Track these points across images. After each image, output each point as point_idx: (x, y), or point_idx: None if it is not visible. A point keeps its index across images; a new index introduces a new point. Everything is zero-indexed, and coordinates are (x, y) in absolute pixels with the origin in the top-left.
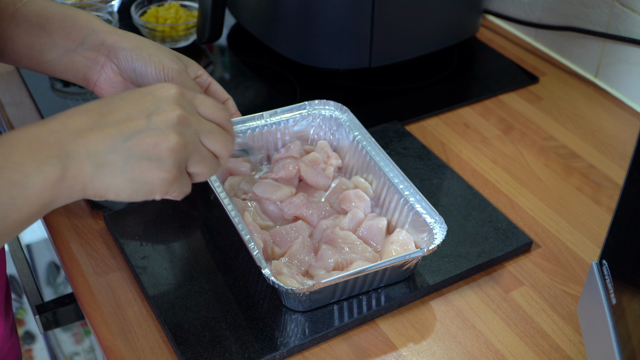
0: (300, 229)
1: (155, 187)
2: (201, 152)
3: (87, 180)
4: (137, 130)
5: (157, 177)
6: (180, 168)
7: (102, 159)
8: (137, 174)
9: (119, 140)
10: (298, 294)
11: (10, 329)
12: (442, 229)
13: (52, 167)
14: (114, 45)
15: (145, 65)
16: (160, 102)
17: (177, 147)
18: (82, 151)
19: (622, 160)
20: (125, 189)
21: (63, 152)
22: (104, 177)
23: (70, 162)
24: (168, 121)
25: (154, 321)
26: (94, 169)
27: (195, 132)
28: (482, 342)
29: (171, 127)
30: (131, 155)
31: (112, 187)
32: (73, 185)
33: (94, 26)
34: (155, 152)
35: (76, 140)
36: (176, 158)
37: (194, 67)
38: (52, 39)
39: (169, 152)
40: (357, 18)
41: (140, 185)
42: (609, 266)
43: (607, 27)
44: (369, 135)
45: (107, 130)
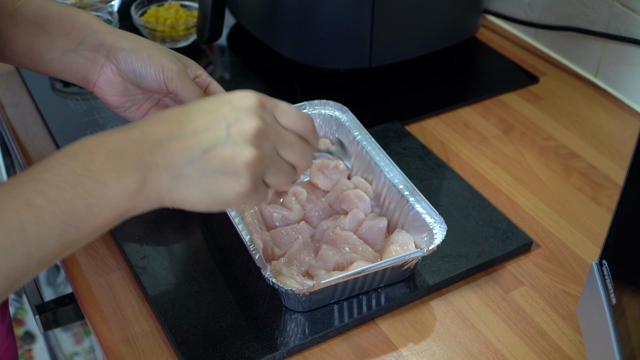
0: (300, 229)
1: (231, 199)
2: (278, 164)
3: (164, 191)
4: (214, 142)
5: (233, 190)
6: (257, 181)
7: (178, 171)
8: (213, 187)
9: (196, 152)
10: (298, 294)
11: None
12: (442, 229)
13: (131, 177)
14: (113, 46)
15: (145, 66)
16: (239, 113)
17: (254, 161)
18: (160, 162)
19: (622, 160)
20: (201, 201)
21: (142, 163)
22: (180, 189)
23: (149, 174)
24: (245, 134)
25: (154, 321)
26: (170, 180)
27: (274, 144)
28: (482, 342)
29: (248, 140)
30: (207, 169)
31: (188, 198)
32: (150, 195)
33: (93, 26)
34: (232, 166)
35: (155, 151)
36: (253, 172)
37: (193, 67)
38: (51, 38)
39: (246, 167)
40: (357, 18)
41: (216, 197)
42: (609, 266)
43: (607, 27)
44: (369, 135)
45: (185, 142)
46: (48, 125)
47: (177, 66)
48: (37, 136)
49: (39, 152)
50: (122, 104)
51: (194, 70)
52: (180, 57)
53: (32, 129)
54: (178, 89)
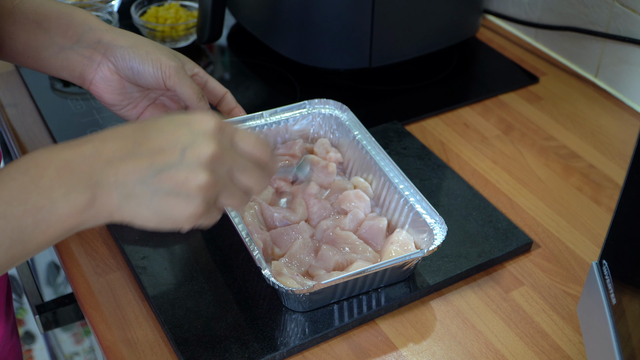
0: (300, 229)
1: (181, 220)
2: (231, 188)
3: (114, 209)
4: (168, 164)
5: (183, 213)
6: (209, 204)
7: (129, 190)
8: (163, 208)
9: (149, 173)
10: (298, 294)
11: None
12: (442, 230)
13: (81, 195)
14: (110, 44)
15: (143, 63)
16: (196, 137)
17: (207, 185)
18: (112, 181)
19: (622, 160)
20: (150, 220)
21: (93, 181)
22: (129, 208)
23: (99, 191)
24: (201, 158)
25: (154, 321)
26: (121, 199)
27: (228, 168)
28: (482, 342)
29: (203, 164)
30: (159, 190)
31: (138, 217)
32: (99, 212)
33: (90, 24)
34: (184, 188)
35: (107, 169)
36: (205, 196)
37: (190, 64)
38: (49, 36)
39: (198, 190)
40: (357, 18)
41: (166, 218)
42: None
43: (607, 27)
44: (369, 135)
45: (139, 162)
46: (48, 125)
47: (175, 63)
48: (37, 136)
49: None
50: (118, 102)
51: (191, 68)
52: (178, 55)
53: (32, 129)
54: (176, 85)
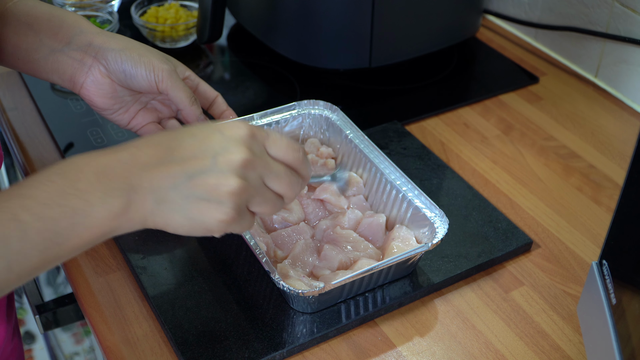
0: (300, 230)
1: (213, 226)
2: (264, 194)
3: (148, 214)
4: (200, 170)
5: (214, 218)
6: (240, 210)
7: (163, 196)
8: (195, 213)
9: (182, 178)
10: (307, 296)
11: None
12: (444, 223)
13: (117, 199)
14: (102, 46)
15: (135, 66)
16: (228, 143)
17: (238, 190)
18: (146, 186)
19: (622, 160)
20: (183, 226)
21: (128, 186)
22: (163, 213)
23: (134, 196)
24: (232, 163)
25: (154, 321)
26: (155, 204)
27: (260, 174)
28: (482, 342)
29: (234, 170)
30: (191, 195)
31: (171, 222)
32: (134, 217)
33: (81, 27)
34: (215, 194)
35: (142, 175)
36: (236, 201)
37: (181, 68)
38: (39, 38)
39: (229, 196)
40: (357, 18)
41: (198, 224)
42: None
43: (607, 27)
44: (361, 133)
45: (172, 168)
46: (48, 126)
47: (168, 65)
48: (37, 136)
49: (39, 152)
50: (110, 106)
51: (182, 71)
52: (169, 58)
53: (32, 129)
54: (169, 89)
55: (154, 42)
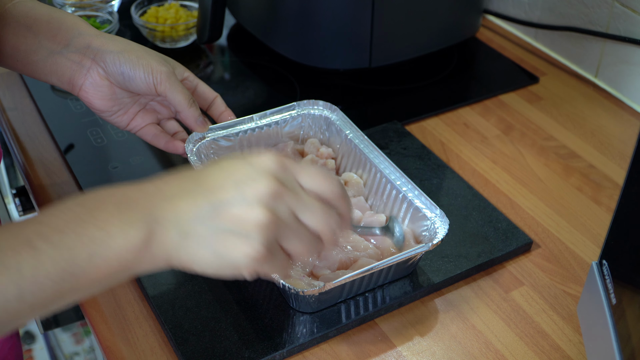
0: None
1: (241, 263)
2: (296, 230)
3: (172, 249)
4: (225, 201)
5: (243, 253)
6: (271, 246)
7: (187, 228)
8: (222, 247)
9: (207, 209)
10: (308, 296)
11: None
12: (444, 223)
13: (138, 230)
14: (100, 48)
15: (134, 68)
16: (256, 174)
17: (266, 223)
18: (170, 217)
19: (622, 160)
20: (210, 263)
21: (151, 217)
22: (188, 248)
23: (157, 227)
24: (258, 194)
25: (154, 321)
26: (180, 238)
27: (291, 207)
28: (482, 342)
29: (261, 200)
30: (217, 228)
31: (197, 259)
32: (157, 252)
33: (80, 29)
34: (242, 226)
35: (165, 205)
36: (265, 235)
37: (180, 69)
38: (38, 40)
39: (256, 228)
40: (357, 18)
41: (225, 260)
42: (609, 266)
43: (607, 27)
44: (361, 133)
45: (197, 198)
46: (48, 126)
47: (166, 68)
48: (37, 136)
49: (39, 152)
50: (108, 108)
51: (180, 72)
52: (168, 59)
53: (32, 129)
54: (167, 91)
55: (154, 42)
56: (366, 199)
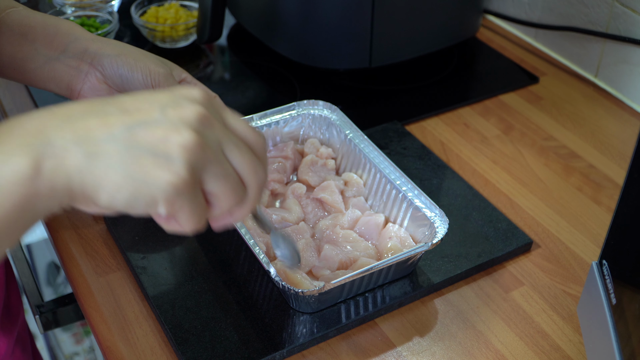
0: (300, 230)
1: (158, 191)
2: (222, 164)
3: (74, 172)
4: (144, 121)
5: (162, 178)
6: (194, 176)
7: (94, 147)
8: (137, 170)
9: (120, 128)
10: (308, 296)
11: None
12: (444, 222)
13: (22, 157)
14: (97, 52)
15: (132, 70)
16: (180, 99)
17: (193, 146)
18: (69, 137)
19: (622, 160)
20: (120, 189)
21: (41, 140)
22: (95, 170)
23: (50, 150)
24: (185, 117)
25: (154, 321)
26: (83, 158)
27: (218, 138)
28: (482, 342)
29: (188, 123)
30: (133, 147)
31: (105, 184)
32: (54, 179)
33: (76, 34)
34: (164, 147)
35: (63, 126)
36: (190, 159)
37: (177, 70)
38: (34, 47)
39: (181, 150)
40: (357, 18)
41: (140, 185)
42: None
43: (607, 27)
44: (361, 133)
45: (107, 119)
46: None
47: (164, 69)
48: None
49: None
50: None
51: (178, 73)
52: (165, 61)
53: None
54: None
55: (153, 42)
56: (366, 199)
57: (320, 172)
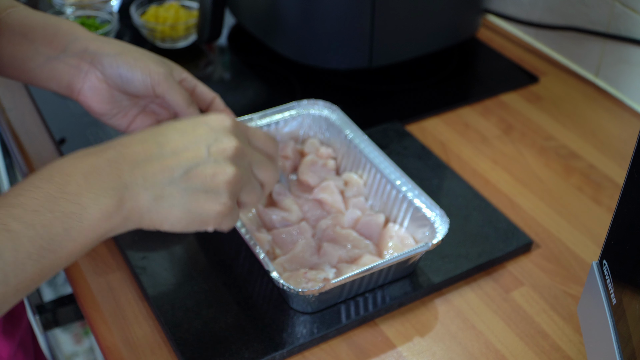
0: (301, 229)
1: (210, 218)
2: (252, 182)
3: (144, 211)
4: (195, 162)
5: (212, 209)
6: (234, 200)
7: (160, 191)
8: (194, 206)
9: (178, 171)
10: (308, 295)
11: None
12: (444, 222)
13: (109, 198)
14: (97, 52)
15: (132, 70)
16: (217, 134)
17: (234, 179)
18: (140, 182)
19: (622, 160)
20: (181, 221)
21: (120, 183)
22: (161, 209)
23: (128, 194)
24: (226, 153)
25: (154, 321)
26: (151, 200)
27: (249, 163)
28: (482, 342)
29: (229, 159)
30: (189, 188)
31: (169, 218)
32: (129, 216)
33: (76, 33)
34: (213, 184)
35: (134, 171)
36: (232, 190)
37: (178, 70)
38: (35, 47)
39: (226, 185)
40: (357, 18)
41: (196, 217)
42: (609, 266)
43: (608, 27)
44: (361, 132)
45: (166, 162)
46: (48, 126)
47: (164, 69)
48: (37, 137)
49: (38, 152)
50: (107, 111)
51: (178, 73)
52: (165, 61)
53: (32, 129)
54: (165, 92)
55: (153, 42)
56: (366, 199)
57: (320, 172)
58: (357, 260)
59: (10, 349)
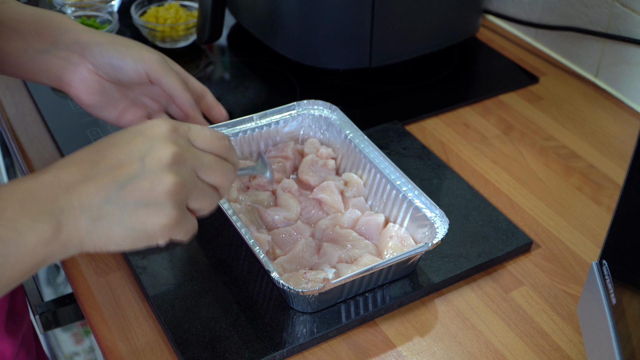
0: (300, 229)
1: (156, 232)
2: (200, 187)
3: (84, 234)
4: (130, 176)
5: (157, 222)
6: (181, 209)
7: (97, 212)
8: (136, 222)
9: (113, 189)
10: (307, 295)
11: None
12: (444, 223)
13: (46, 224)
14: (88, 42)
15: (122, 57)
16: (152, 142)
17: (175, 188)
18: (76, 205)
19: (622, 160)
20: (125, 239)
21: (56, 208)
22: (101, 230)
23: (64, 218)
24: (162, 161)
25: (154, 321)
26: (90, 223)
27: (192, 168)
28: (482, 342)
29: (165, 167)
30: (127, 204)
31: (112, 238)
32: (69, 241)
33: (67, 26)
34: (152, 196)
35: (69, 195)
36: (175, 200)
37: (169, 60)
38: (26, 41)
39: (167, 195)
40: (357, 18)
41: (141, 233)
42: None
43: (607, 27)
44: (361, 133)
45: (100, 180)
46: (48, 125)
47: (157, 55)
48: (37, 136)
49: (39, 152)
50: (96, 102)
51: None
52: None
53: (32, 129)
54: (160, 76)
55: (154, 42)
56: (366, 199)
57: (320, 172)
58: (357, 261)
59: (14, 347)
